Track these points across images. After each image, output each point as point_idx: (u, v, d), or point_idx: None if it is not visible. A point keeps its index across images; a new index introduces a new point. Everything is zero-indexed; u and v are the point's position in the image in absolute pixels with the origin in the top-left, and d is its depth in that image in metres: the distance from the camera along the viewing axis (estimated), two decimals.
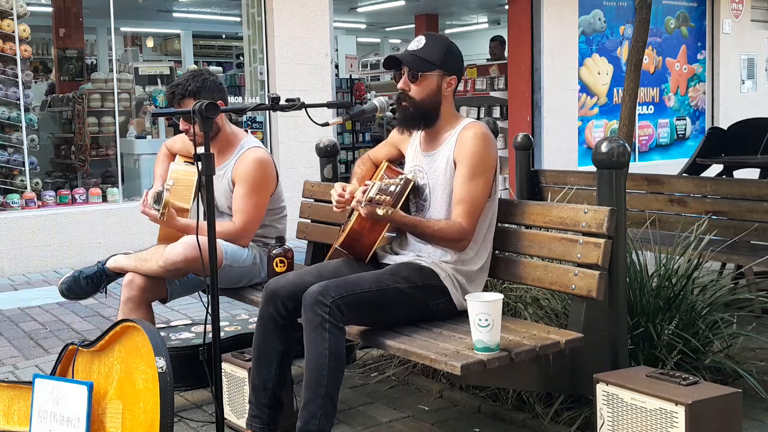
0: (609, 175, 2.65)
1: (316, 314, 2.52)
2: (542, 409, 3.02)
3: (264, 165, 3.37)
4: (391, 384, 3.56)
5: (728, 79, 11.75)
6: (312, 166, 5.32)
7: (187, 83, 3.29)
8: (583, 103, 10.20)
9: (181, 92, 3.28)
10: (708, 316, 3.23)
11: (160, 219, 3.08)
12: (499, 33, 11.09)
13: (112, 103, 7.93)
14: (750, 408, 3.05)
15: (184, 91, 3.28)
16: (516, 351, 2.46)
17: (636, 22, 4.46)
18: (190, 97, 3.25)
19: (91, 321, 5.04)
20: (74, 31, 9.65)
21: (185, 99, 3.27)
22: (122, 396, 2.76)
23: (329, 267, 2.91)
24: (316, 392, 2.51)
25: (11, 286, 6.33)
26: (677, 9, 11.23)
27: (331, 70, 8.36)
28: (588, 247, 2.62)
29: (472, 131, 2.77)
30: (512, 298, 3.31)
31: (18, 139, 7.02)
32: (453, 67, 2.82)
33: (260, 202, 3.37)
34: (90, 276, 3.30)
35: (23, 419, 2.98)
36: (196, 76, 3.34)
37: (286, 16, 7.96)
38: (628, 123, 4.31)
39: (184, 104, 3.27)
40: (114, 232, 7.13)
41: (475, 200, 2.74)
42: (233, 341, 3.60)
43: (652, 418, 2.33)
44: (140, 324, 2.75)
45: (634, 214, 4.25)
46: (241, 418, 2.98)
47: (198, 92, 3.27)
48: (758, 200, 3.90)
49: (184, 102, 3.28)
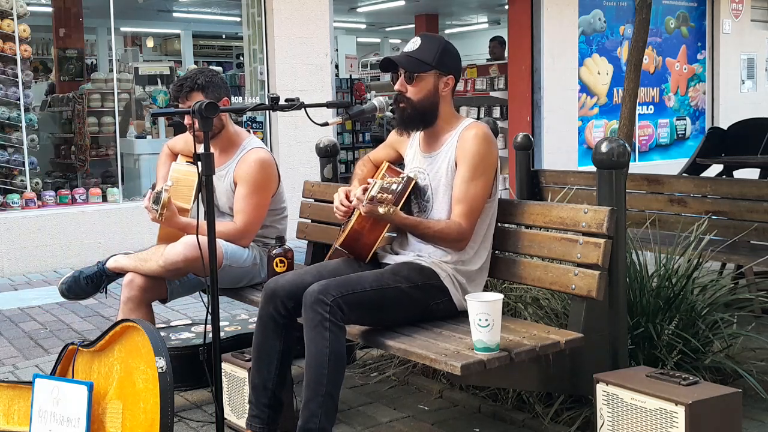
0: (609, 175, 2.65)
1: (316, 313, 2.52)
2: (542, 409, 3.02)
3: (266, 166, 3.38)
4: (391, 384, 3.56)
5: (728, 79, 11.75)
6: (312, 166, 5.32)
7: (196, 77, 3.33)
8: (583, 103, 10.20)
9: (190, 85, 3.31)
10: (708, 316, 3.23)
11: (159, 219, 3.10)
12: (499, 33, 11.10)
13: (112, 103, 7.93)
14: (750, 408, 3.05)
15: (193, 84, 3.31)
16: (516, 351, 2.46)
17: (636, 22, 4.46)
18: (198, 91, 3.29)
19: (91, 321, 5.04)
20: (74, 31, 9.65)
21: (193, 92, 3.30)
22: (122, 396, 2.76)
23: (329, 267, 2.91)
24: (316, 391, 2.51)
25: (11, 286, 6.32)
26: (677, 9, 11.22)
27: (331, 70, 8.36)
28: (588, 247, 2.62)
29: (473, 131, 2.77)
30: (512, 298, 3.31)
31: (18, 139, 7.02)
32: (449, 67, 2.81)
33: (262, 202, 3.38)
34: (90, 276, 3.30)
35: (23, 419, 2.98)
36: (204, 72, 3.39)
37: (286, 16, 7.96)
38: (628, 123, 4.30)
39: (191, 98, 3.29)
40: (114, 232, 7.13)
41: (475, 200, 2.74)
42: (233, 341, 3.60)
43: (652, 418, 2.33)
44: (140, 324, 2.75)
45: (634, 214, 4.25)
46: (241, 418, 2.98)
47: (206, 87, 3.30)
48: (758, 200, 3.90)
49: (191, 95, 3.30)
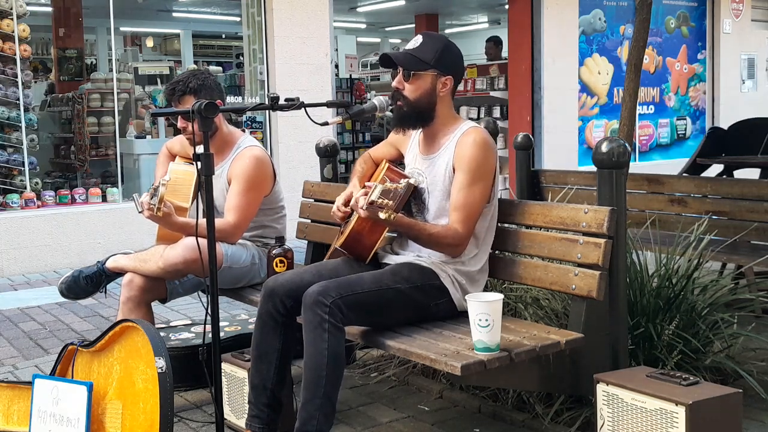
0: (609, 175, 2.65)
1: (315, 314, 2.52)
2: (542, 410, 3.02)
3: (261, 163, 3.37)
4: (391, 384, 3.55)
5: (728, 79, 11.75)
6: (312, 166, 5.31)
7: (188, 80, 3.30)
8: (584, 103, 10.20)
9: (182, 89, 3.29)
10: (708, 316, 3.23)
11: (155, 214, 3.02)
12: (499, 33, 11.09)
13: (111, 103, 7.93)
14: (750, 408, 3.05)
15: (185, 87, 3.29)
16: (516, 351, 2.45)
17: (636, 22, 4.45)
18: (191, 95, 3.26)
19: (91, 321, 5.03)
20: (74, 31, 9.64)
21: (186, 96, 3.28)
22: (122, 396, 2.76)
23: (329, 266, 2.90)
24: (314, 392, 2.50)
25: (11, 286, 6.32)
26: (677, 9, 11.22)
27: (331, 70, 8.35)
28: (588, 247, 2.62)
29: (471, 137, 2.75)
30: (512, 298, 3.31)
31: (17, 139, 7.01)
32: (449, 68, 2.79)
33: (255, 200, 3.36)
34: (89, 276, 3.30)
35: (23, 419, 2.97)
36: (196, 74, 3.36)
37: (286, 16, 7.96)
38: (628, 123, 4.29)
39: (184, 101, 3.27)
40: (114, 232, 7.13)
41: (473, 207, 2.73)
42: (233, 341, 3.60)
43: (652, 419, 2.33)
44: (140, 324, 2.75)
45: (634, 214, 4.24)
46: (241, 418, 2.98)
47: (199, 90, 3.28)
48: (758, 200, 3.90)
49: (184, 99, 3.28)
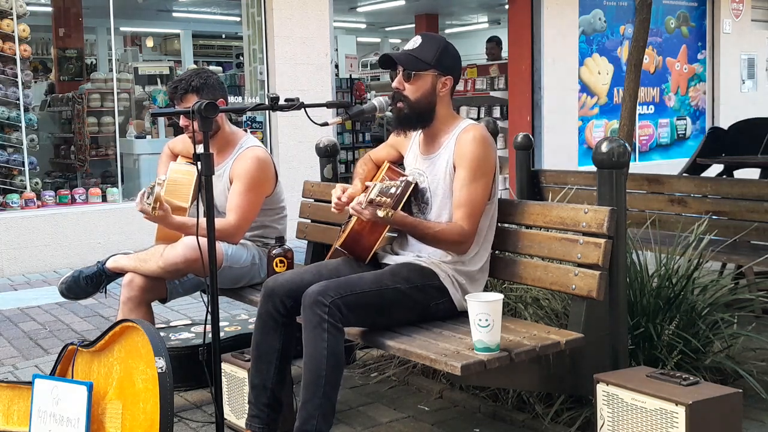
0: (609, 175, 2.65)
1: (315, 314, 2.52)
2: (542, 410, 3.02)
3: (263, 164, 3.37)
4: (391, 384, 3.55)
5: (728, 79, 11.75)
6: (312, 166, 5.30)
7: (191, 79, 3.31)
8: (584, 103, 10.20)
9: (185, 87, 3.30)
10: (708, 316, 3.23)
11: (151, 213, 3.01)
12: (499, 33, 11.08)
13: (111, 103, 7.93)
14: (750, 408, 3.05)
15: (188, 86, 3.29)
16: (516, 351, 2.45)
17: (636, 22, 4.46)
18: (193, 93, 3.27)
19: (91, 321, 5.03)
20: (74, 31, 9.64)
21: (188, 94, 3.28)
22: (122, 396, 2.76)
23: (329, 266, 2.90)
24: (314, 393, 2.50)
25: (11, 286, 6.32)
26: (677, 9, 11.22)
27: (331, 70, 8.35)
28: (588, 247, 2.62)
29: (471, 134, 2.76)
30: (512, 298, 3.31)
31: (17, 139, 7.01)
32: (448, 68, 2.80)
33: (256, 200, 3.36)
34: (90, 276, 3.30)
35: (23, 419, 2.97)
36: (199, 73, 3.36)
37: (286, 16, 7.96)
38: (628, 123, 4.29)
39: (186, 99, 3.28)
40: (114, 232, 7.13)
41: (476, 203, 2.73)
42: (233, 341, 3.60)
43: (652, 419, 2.33)
44: (140, 324, 2.75)
45: (634, 214, 4.24)
46: (241, 418, 2.98)
47: (201, 89, 3.28)
48: (758, 200, 3.90)
49: (186, 97, 3.28)
